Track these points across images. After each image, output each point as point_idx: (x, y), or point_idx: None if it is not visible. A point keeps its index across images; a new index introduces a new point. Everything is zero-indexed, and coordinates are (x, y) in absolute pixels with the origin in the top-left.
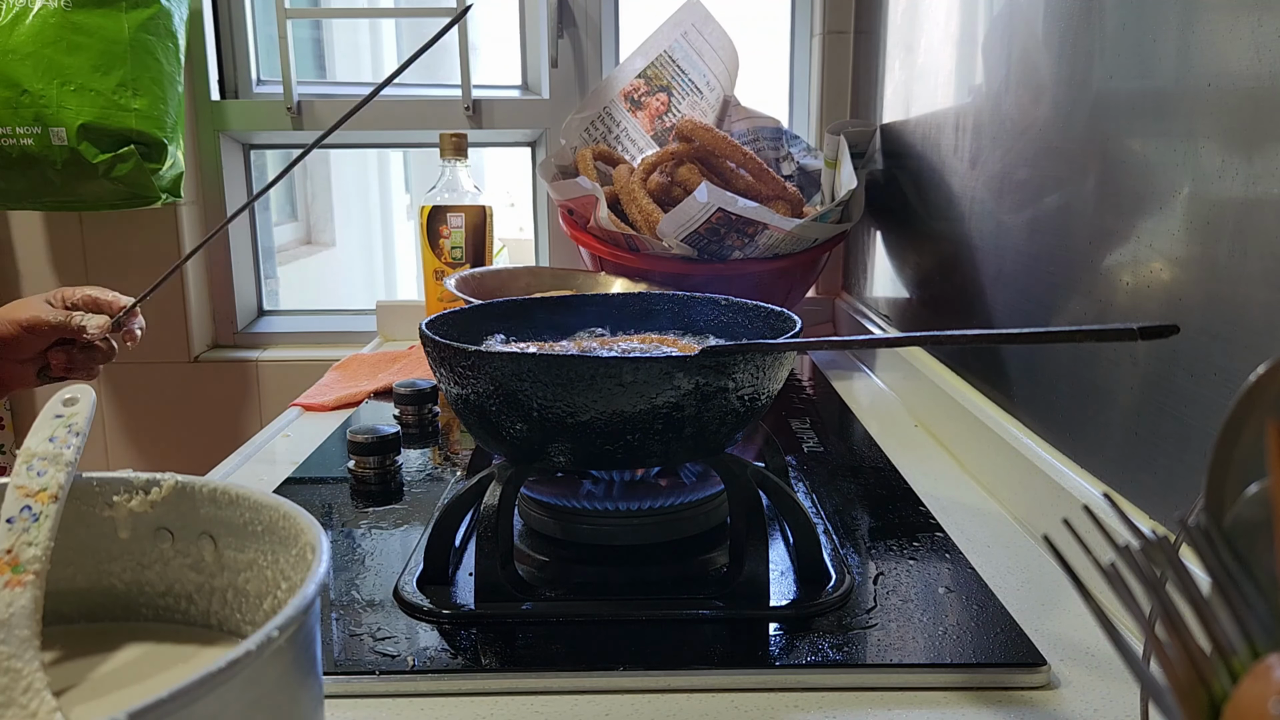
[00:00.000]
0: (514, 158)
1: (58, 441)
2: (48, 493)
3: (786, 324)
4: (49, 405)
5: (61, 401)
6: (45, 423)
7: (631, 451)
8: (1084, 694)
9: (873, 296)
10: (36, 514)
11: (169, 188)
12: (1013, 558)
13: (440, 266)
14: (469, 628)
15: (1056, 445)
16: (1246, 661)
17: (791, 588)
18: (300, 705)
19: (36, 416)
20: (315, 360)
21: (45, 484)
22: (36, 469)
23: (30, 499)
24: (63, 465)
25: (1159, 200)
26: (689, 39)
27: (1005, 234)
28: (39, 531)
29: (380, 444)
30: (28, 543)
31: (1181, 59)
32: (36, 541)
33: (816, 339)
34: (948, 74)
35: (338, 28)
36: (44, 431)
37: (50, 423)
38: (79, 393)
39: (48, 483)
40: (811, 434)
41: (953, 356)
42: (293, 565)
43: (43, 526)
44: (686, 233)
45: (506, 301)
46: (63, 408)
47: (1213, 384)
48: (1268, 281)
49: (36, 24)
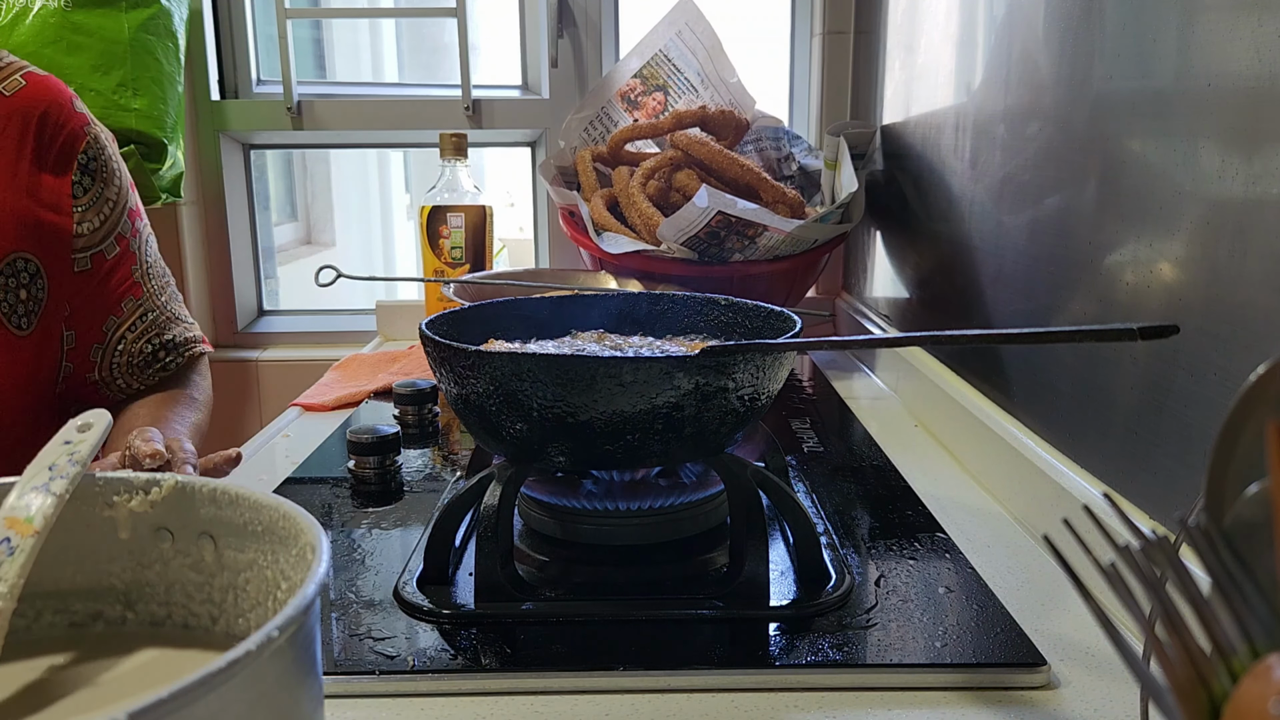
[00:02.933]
0: (514, 158)
1: (56, 470)
2: (32, 525)
3: (786, 324)
4: (62, 431)
5: (75, 428)
6: (53, 448)
7: (631, 451)
8: (1084, 694)
9: (873, 296)
10: (14, 548)
11: (169, 188)
12: (1013, 558)
13: (440, 266)
14: (469, 628)
15: (1056, 445)
16: (1246, 661)
17: (791, 588)
18: (300, 705)
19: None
20: (315, 360)
21: (31, 515)
22: (27, 499)
23: (12, 530)
24: (53, 498)
25: (1159, 200)
26: (683, 38)
27: (1005, 234)
28: (11, 567)
29: (380, 444)
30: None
31: (1181, 59)
32: (6, 578)
33: (816, 339)
34: (948, 74)
35: (338, 28)
36: (47, 458)
37: (57, 449)
38: (94, 418)
39: (34, 514)
40: (811, 434)
41: (953, 356)
42: (293, 565)
43: (15, 561)
44: (687, 236)
45: (507, 301)
46: (74, 433)
47: (1213, 384)
48: (1268, 282)
49: (36, 24)
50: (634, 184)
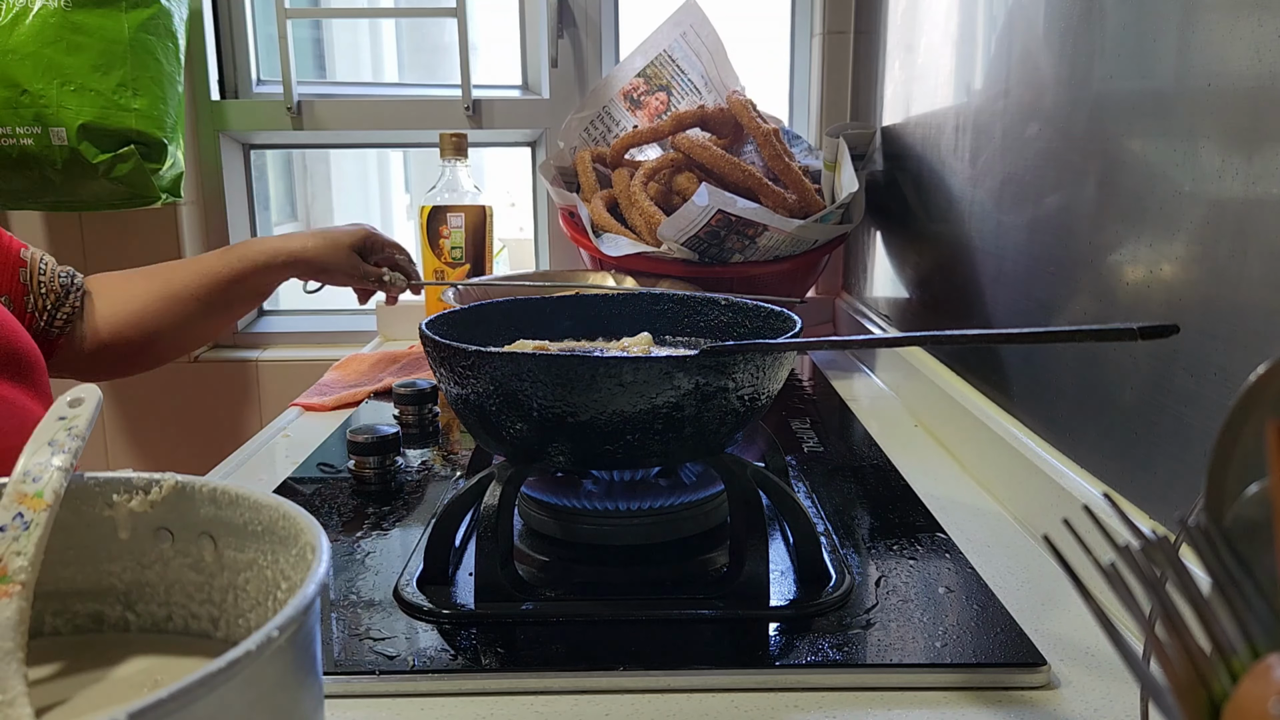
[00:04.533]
0: (514, 158)
1: (57, 445)
2: (43, 499)
3: (786, 324)
4: (53, 408)
5: (67, 403)
6: (48, 425)
7: (631, 451)
8: (1084, 694)
9: (873, 296)
10: (28, 522)
11: (169, 188)
12: (1013, 558)
13: (440, 266)
14: (469, 628)
15: (1056, 445)
16: (1246, 661)
17: (791, 588)
18: (300, 705)
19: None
20: (315, 360)
21: (40, 489)
22: (33, 474)
23: (24, 505)
24: (59, 471)
25: (1159, 200)
26: (688, 39)
27: (1005, 234)
28: (28, 541)
29: (380, 444)
30: (16, 552)
31: (1181, 59)
32: (25, 551)
33: (816, 339)
34: (948, 74)
35: (338, 28)
36: (45, 434)
37: (52, 425)
38: (85, 393)
39: (43, 488)
40: (811, 434)
41: (953, 356)
42: (293, 565)
43: (32, 536)
44: (687, 236)
45: (507, 301)
46: (67, 409)
47: (1213, 384)
48: (1268, 282)
49: (36, 24)
50: (635, 183)
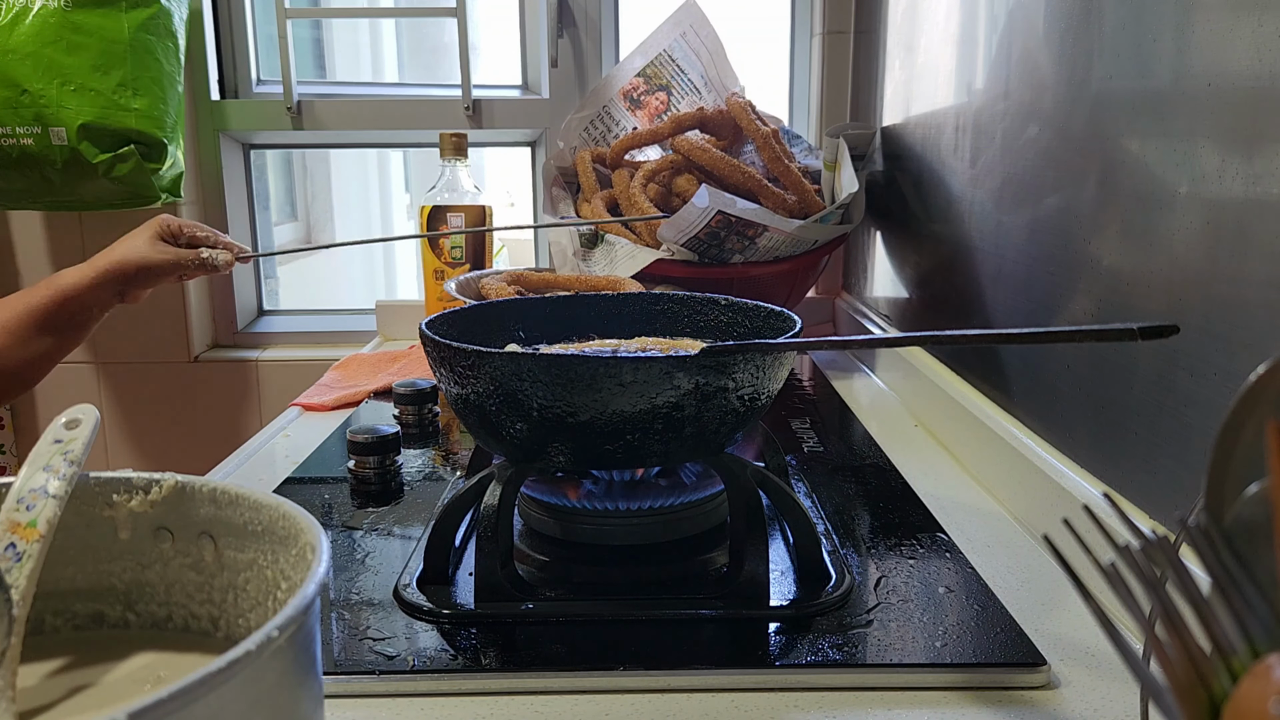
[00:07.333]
0: (514, 158)
1: (52, 471)
2: (36, 529)
3: (786, 324)
4: (49, 429)
5: (63, 425)
6: (44, 449)
7: (631, 451)
8: (1084, 694)
9: (873, 296)
10: (20, 553)
11: (169, 188)
12: (1013, 558)
13: (440, 266)
14: (469, 628)
15: (1056, 445)
16: (1246, 661)
17: (791, 588)
18: (300, 705)
19: (36, 416)
20: (315, 360)
21: (34, 518)
22: (27, 502)
23: (16, 535)
24: (54, 500)
25: (1159, 200)
26: (687, 39)
27: (1005, 234)
28: (20, 574)
29: (380, 444)
30: (9, 584)
31: (1181, 59)
32: (17, 584)
33: (816, 339)
34: (948, 74)
35: (338, 28)
36: (40, 460)
37: (49, 449)
38: (82, 414)
39: (36, 517)
40: (811, 434)
41: (953, 356)
42: (293, 565)
43: (25, 568)
44: (687, 237)
45: (507, 301)
46: (64, 431)
47: (1213, 384)
48: (1268, 281)
49: (36, 24)
50: (635, 184)
